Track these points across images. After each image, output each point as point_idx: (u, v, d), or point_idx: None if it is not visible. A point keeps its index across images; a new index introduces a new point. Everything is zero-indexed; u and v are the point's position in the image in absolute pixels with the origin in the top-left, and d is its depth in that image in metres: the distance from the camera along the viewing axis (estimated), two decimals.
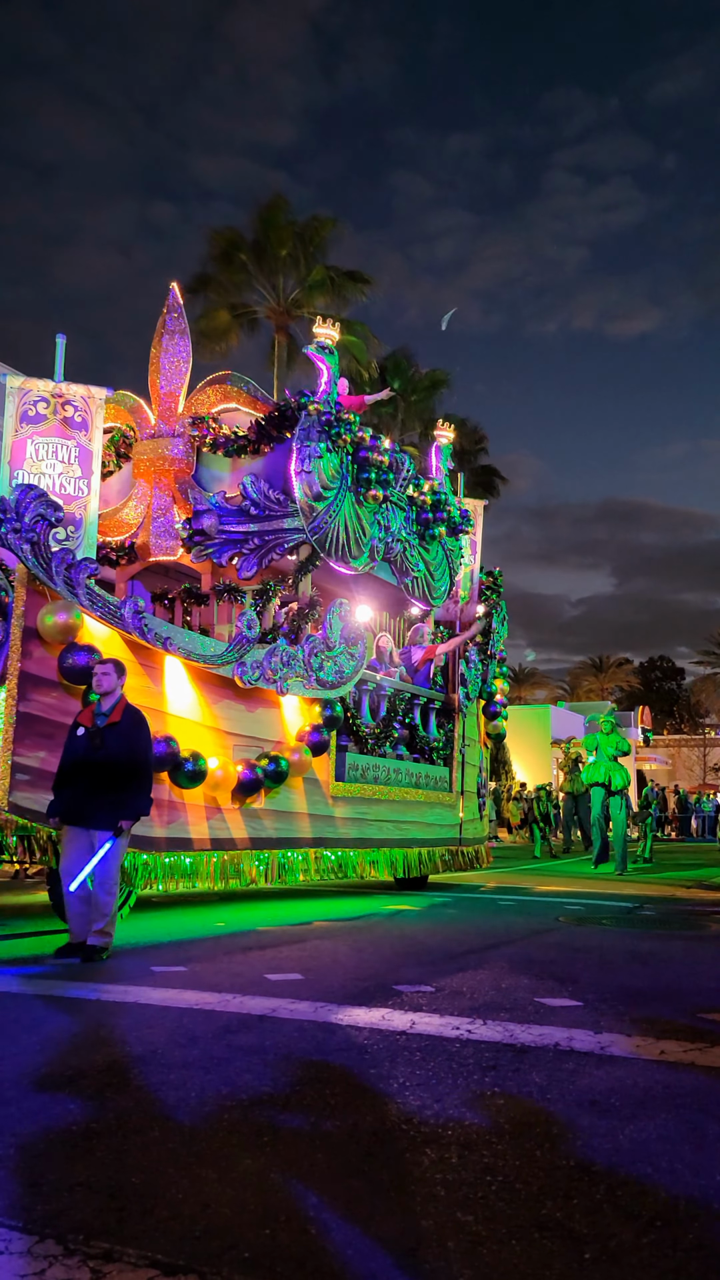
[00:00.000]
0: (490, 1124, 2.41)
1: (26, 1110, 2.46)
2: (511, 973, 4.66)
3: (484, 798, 11.39)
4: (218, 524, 7.56)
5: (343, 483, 8.03)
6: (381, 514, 8.66)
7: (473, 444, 29.95)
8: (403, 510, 9.15)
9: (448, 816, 10.09)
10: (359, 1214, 1.87)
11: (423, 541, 9.57)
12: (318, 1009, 3.72)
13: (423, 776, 9.56)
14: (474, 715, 10.94)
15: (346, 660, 7.89)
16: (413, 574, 9.46)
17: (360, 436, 8.13)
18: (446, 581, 10.09)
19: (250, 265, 22.48)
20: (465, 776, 10.56)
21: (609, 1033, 3.40)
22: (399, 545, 9.07)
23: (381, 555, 8.76)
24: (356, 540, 8.26)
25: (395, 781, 9.00)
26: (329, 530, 7.91)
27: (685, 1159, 2.19)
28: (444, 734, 10.11)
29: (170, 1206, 1.90)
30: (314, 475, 7.68)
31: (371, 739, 8.64)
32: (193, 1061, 2.94)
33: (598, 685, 65.49)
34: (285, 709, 7.52)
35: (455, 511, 10.03)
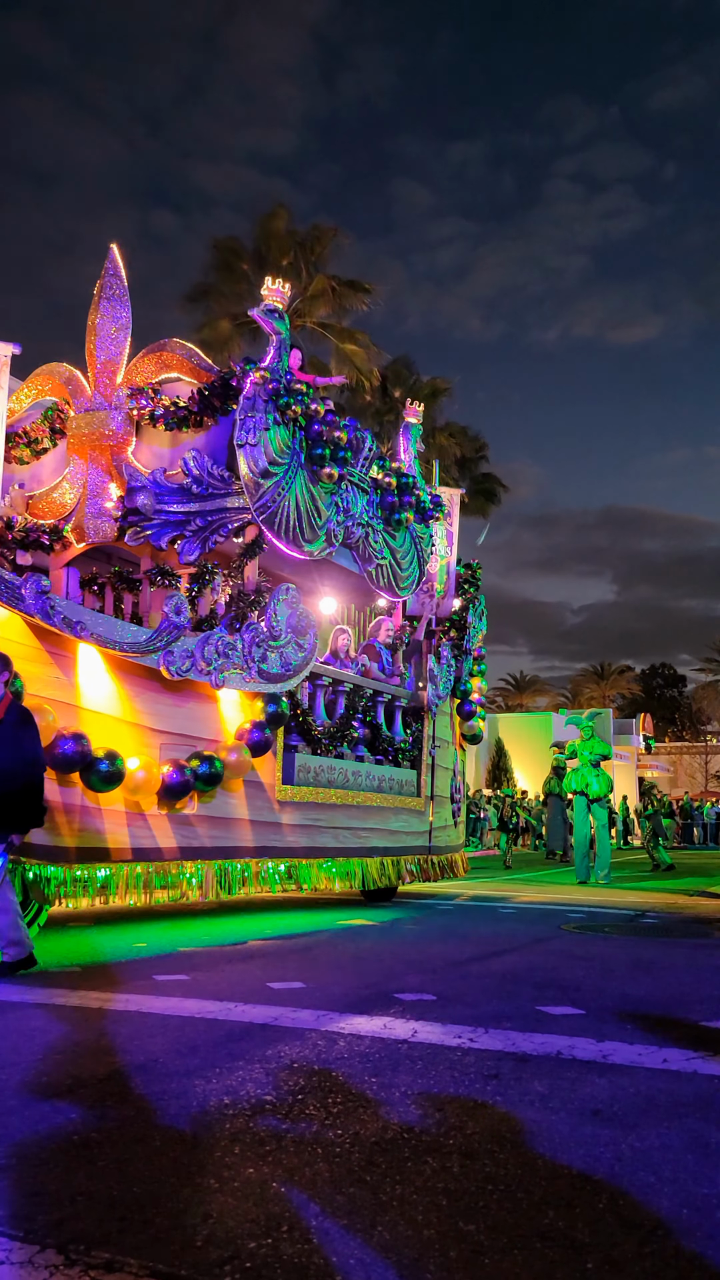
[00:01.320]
0: (492, 1133, 2.41)
1: (28, 1119, 2.45)
2: (513, 981, 4.65)
3: (458, 803, 10.70)
4: (154, 503, 6.93)
5: (293, 459, 7.34)
6: (340, 495, 7.97)
7: (474, 452, 29.97)
8: (365, 493, 8.41)
9: (415, 823, 9.39)
10: (361, 1223, 1.87)
11: (388, 527, 8.84)
12: (319, 1017, 3.72)
13: (386, 780, 8.85)
14: (446, 715, 10.27)
15: (294, 651, 7.22)
16: (377, 561, 8.71)
17: (313, 409, 7.40)
18: (415, 570, 9.33)
19: (251, 274, 22.55)
20: (436, 780, 9.87)
21: (611, 1041, 3.39)
22: (360, 530, 8.34)
23: (341, 540, 8.04)
24: (310, 522, 7.53)
25: (354, 785, 8.30)
26: (278, 510, 7.20)
27: (688, 1168, 2.18)
28: (411, 734, 9.39)
29: (172, 1216, 1.89)
30: (260, 449, 7.00)
31: (326, 739, 7.96)
32: (194, 1070, 2.93)
33: (599, 693, 65.45)
34: (223, 704, 6.82)
35: (424, 496, 9.36)
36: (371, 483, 8.52)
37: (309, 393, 7.38)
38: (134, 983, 4.51)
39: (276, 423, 7.10)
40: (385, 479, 8.68)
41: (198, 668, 6.39)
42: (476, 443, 29.97)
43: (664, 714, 68.54)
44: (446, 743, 10.26)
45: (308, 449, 7.47)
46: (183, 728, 6.49)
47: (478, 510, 30.66)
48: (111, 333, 7.50)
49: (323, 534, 7.73)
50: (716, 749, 54.09)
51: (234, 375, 7.02)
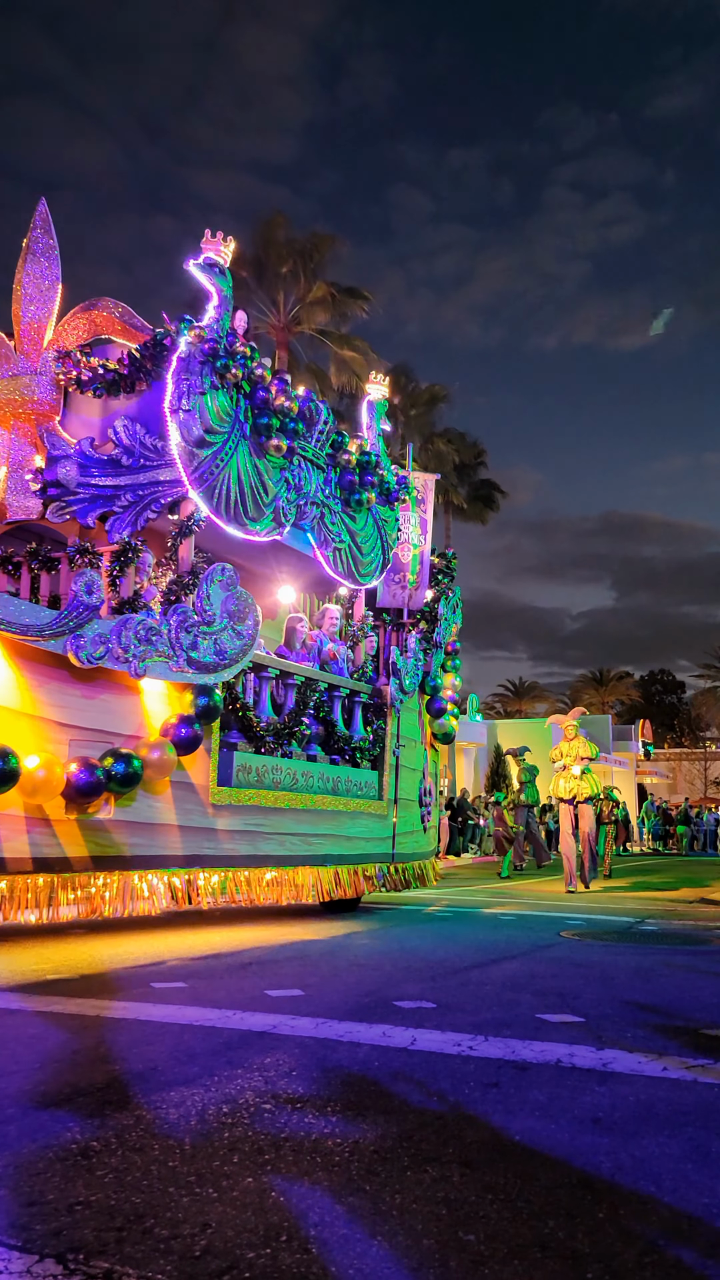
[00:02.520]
0: (492, 1142, 2.40)
1: (25, 1128, 2.45)
2: (513, 988, 4.64)
3: (429, 806, 10.00)
4: (79, 475, 6.40)
5: (235, 428, 6.70)
6: (291, 471, 7.34)
7: (472, 458, 30.06)
8: (320, 469, 7.76)
9: (376, 828, 8.64)
10: (361, 1233, 1.86)
11: (347, 508, 8.21)
12: (318, 1025, 3.71)
13: (342, 781, 8.14)
14: (414, 712, 9.56)
15: (230, 639, 6.46)
16: (334, 544, 8.08)
17: (258, 374, 6.76)
18: (378, 556, 8.72)
19: (251, 281, 22.61)
20: (401, 782, 9.10)
21: (611, 1049, 3.38)
22: (315, 510, 7.72)
23: (292, 520, 7.43)
24: (255, 499, 6.91)
25: (304, 787, 7.59)
26: (217, 484, 6.57)
27: (688, 1177, 2.17)
28: (373, 733, 8.68)
29: (170, 1226, 1.88)
30: (194, 415, 6.37)
31: (272, 736, 7.26)
32: (193, 1078, 2.93)
33: (598, 699, 65.45)
34: (146, 696, 6.15)
35: (389, 476, 8.70)
36: (328, 459, 7.91)
37: (253, 356, 6.76)
38: (132, 990, 4.50)
39: (214, 387, 6.47)
40: (344, 456, 8.05)
41: (113, 654, 5.74)
42: (475, 449, 30.06)
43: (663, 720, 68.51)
44: (414, 742, 9.57)
45: (252, 418, 6.81)
46: (96, 722, 5.86)
47: (476, 516, 30.74)
48: (39, 291, 6.97)
49: (270, 512, 7.10)
50: (716, 755, 54.08)
51: (168, 334, 6.47)
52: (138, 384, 6.66)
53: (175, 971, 5.09)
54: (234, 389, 6.64)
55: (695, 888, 12.93)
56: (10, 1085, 2.83)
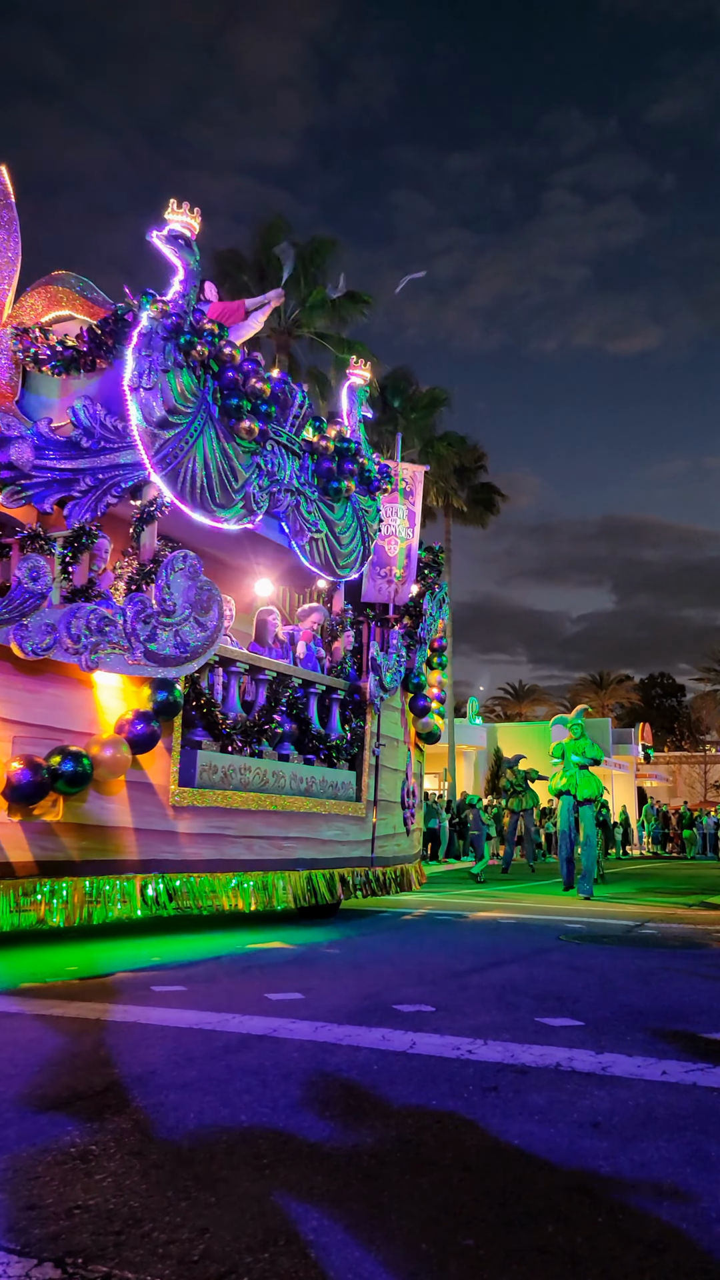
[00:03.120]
0: (491, 1146, 2.40)
1: (24, 1131, 2.44)
2: (512, 992, 4.64)
3: (412, 808, 9.62)
4: (34, 458, 6.02)
5: (202, 409, 6.38)
6: (264, 456, 7.00)
7: (472, 462, 30.08)
8: (296, 456, 7.44)
9: (354, 831, 8.26)
10: (360, 1238, 1.86)
11: (325, 496, 7.85)
12: (317, 1029, 3.70)
13: (317, 782, 7.77)
14: (395, 711, 9.17)
15: (193, 631, 6.13)
16: (310, 534, 7.73)
17: (227, 352, 6.44)
18: (358, 547, 8.36)
19: (251, 286, 22.63)
20: (381, 783, 8.74)
21: (610, 1053, 3.38)
22: (290, 498, 7.38)
23: (265, 508, 7.08)
24: (224, 484, 6.57)
25: (275, 788, 7.22)
26: (181, 468, 6.25)
27: (688, 1182, 2.17)
28: (351, 731, 8.30)
29: (169, 1230, 1.88)
30: (156, 393, 6.06)
31: (240, 734, 6.89)
32: (191, 1082, 2.92)
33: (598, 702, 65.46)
34: (100, 691, 5.81)
35: (370, 464, 8.35)
36: (305, 445, 7.59)
37: (221, 334, 6.44)
38: (131, 994, 4.49)
39: (178, 365, 6.17)
40: (321, 442, 7.71)
41: (62, 645, 5.43)
42: (475, 453, 30.08)
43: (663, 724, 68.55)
44: (396, 741, 9.21)
45: (220, 399, 6.49)
46: (43, 718, 5.54)
47: (476, 520, 30.77)
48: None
49: (240, 499, 6.75)
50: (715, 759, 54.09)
51: (129, 309, 6.17)
52: (98, 362, 6.33)
53: (174, 975, 5.08)
54: (200, 368, 6.33)
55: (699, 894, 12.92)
56: (9, 1089, 2.83)
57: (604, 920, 8.57)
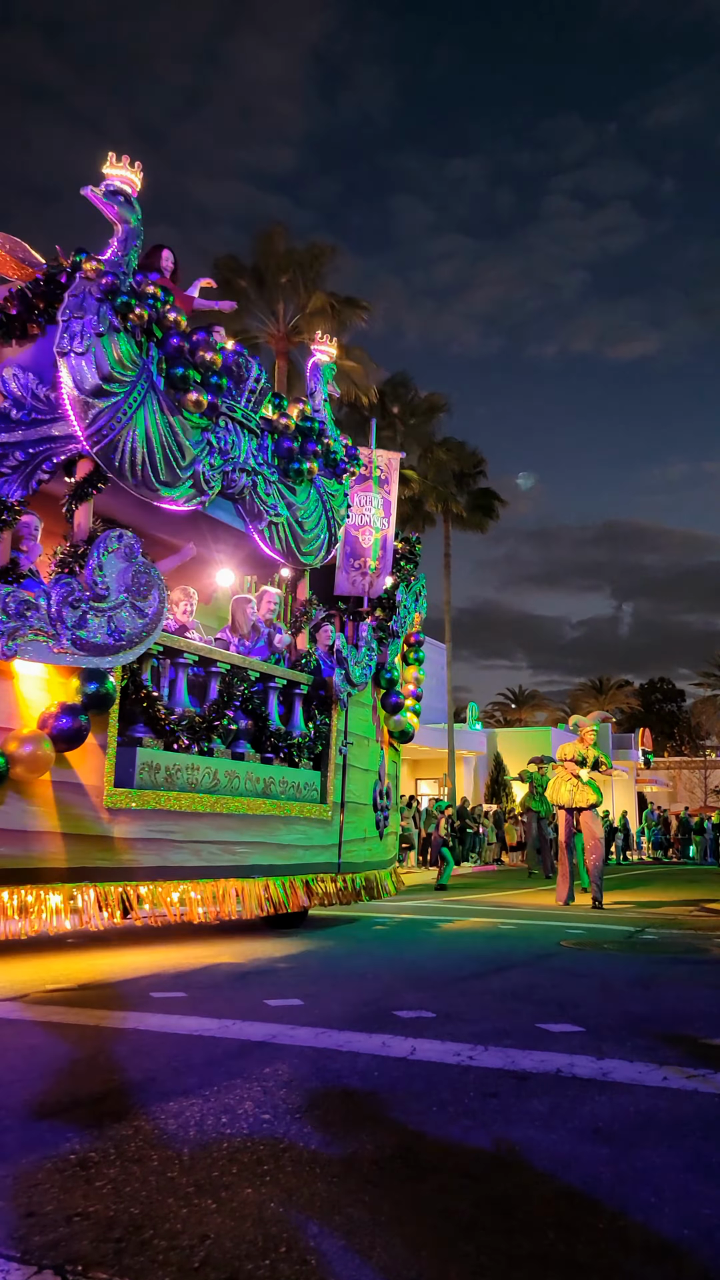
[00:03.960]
0: (492, 1152, 2.39)
1: (24, 1138, 2.44)
2: (513, 998, 4.63)
3: (386, 810, 9.09)
4: None
5: (143, 378, 5.93)
6: (215, 433, 6.52)
7: (471, 467, 30.08)
8: (254, 434, 6.96)
9: (318, 835, 7.70)
10: (360, 1244, 1.86)
11: (285, 478, 7.36)
12: (317, 1035, 3.70)
13: (276, 783, 7.26)
14: (366, 707, 8.71)
15: (130, 617, 5.68)
16: (269, 518, 7.20)
17: (172, 318, 6.00)
18: (323, 533, 7.85)
19: (250, 292, 22.68)
20: (350, 784, 8.23)
21: (611, 1059, 3.38)
22: (246, 478, 6.88)
23: (218, 489, 6.59)
24: (169, 461, 6.09)
25: (228, 789, 6.70)
26: (119, 442, 5.80)
27: (689, 1188, 2.17)
28: (315, 728, 7.80)
29: (169, 1237, 1.88)
30: (89, 359, 5.62)
31: (187, 731, 6.39)
32: (192, 1089, 2.92)
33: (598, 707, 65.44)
34: (20, 682, 5.34)
35: (336, 445, 7.88)
36: (263, 423, 7.13)
37: (166, 299, 6.02)
38: (131, 1000, 4.49)
39: (115, 329, 5.75)
40: (281, 420, 7.26)
41: None
42: (474, 458, 30.08)
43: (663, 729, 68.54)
44: (367, 740, 8.70)
45: (164, 368, 6.06)
46: None
47: (475, 525, 30.77)
48: None
49: (188, 478, 6.28)
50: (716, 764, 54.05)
51: (62, 270, 5.81)
52: (29, 327, 5.92)
53: (174, 981, 5.08)
54: (141, 333, 5.93)
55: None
56: (9, 1095, 2.83)
57: (604, 926, 8.55)
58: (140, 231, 6.05)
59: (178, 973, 5.43)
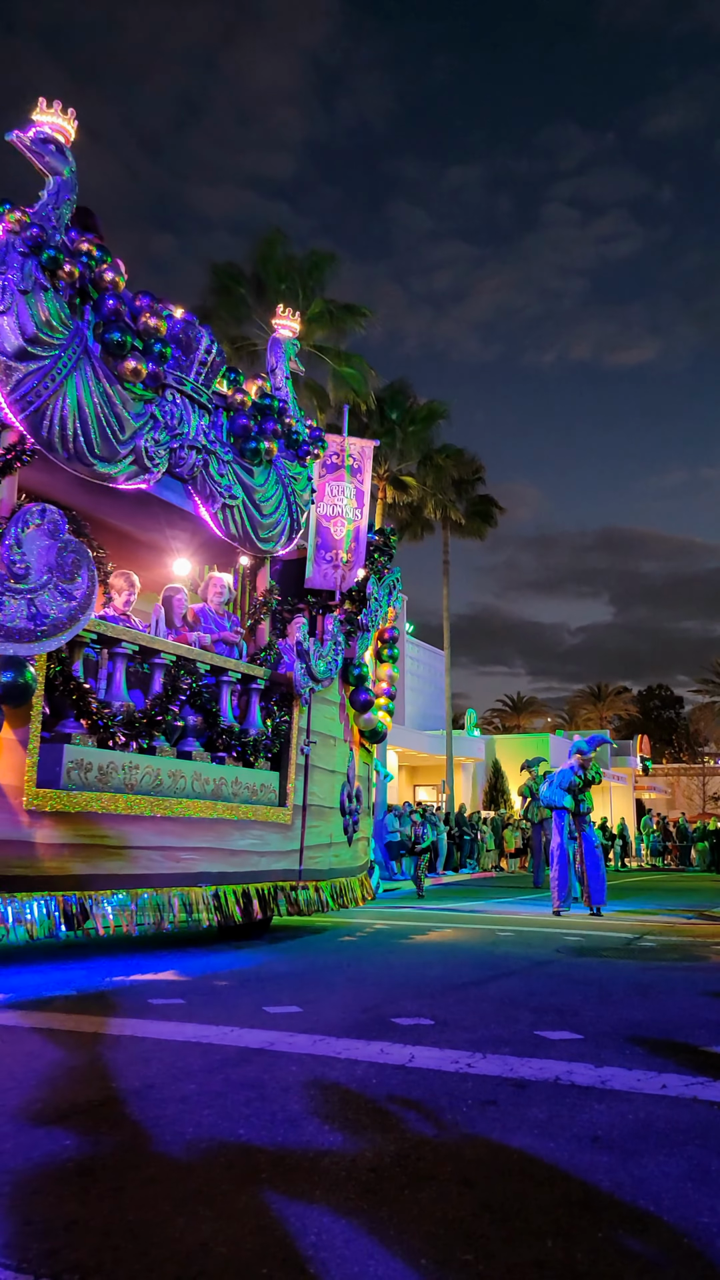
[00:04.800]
0: (490, 1160, 2.39)
1: (20, 1145, 2.43)
2: (511, 1005, 4.62)
3: (355, 814, 8.63)
4: None
5: (75, 342, 5.52)
6: (160, 405, 6.11)
7: (470, 474, 30.12)
8: (206, 410, 6.56)
9: (276, 841, 7.19)
10: (358, 1252, 1.85)
11: (242, 459, 6.97)
12: (315, 1042, 3.69)
13: (228, 784, 6.75)
14: (333, 705, 8.23)
15: (54, 600, 5.24)
16: (223, 500, 6.77)
17: (109, 278, 5.63)
18: (284, 518, 7.43)
19: (249, 299, 22.72)
20: (313, 786, 7.73)
21: (610, 1066, 3.37)
22: (197, 456, 6.46)
23: (164, 467, 6.18)
24: (106, 434, 5.68)
25: (172, 790, 6.22)
26: (48, 409, 5.38)
27: (688, 1197, 2.16)
28: (273, 726, 7.29)
29: (166, 1245, 1.87)
30: (12, 318, 5.22)
31: (125, 727, 5.93)
32: (190, 1096, 2.91)
33: (596, 714, 65.49)
34: None
35: (299, 426, 7.53)
36: (217, 398, 6.76)
37: (104, 257, 5.65)
38: (129, 1007, 4.48)
39: (41, 286, 5.36)
40: (236, 396, 6.86)
41: None
42: (473, 465, 30.13)
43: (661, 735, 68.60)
44: (334, 739, 8.23)
45: (100, 333, 5.66)
46: None
47: (474, 532, 30.80)
48: None
49: (128, 453, 5.87)
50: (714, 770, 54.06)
51: None
52: None
53: (173, 988, 5.07)
54: (72, 293, 5.55)
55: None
56: (6, 1102, 2.82)
57: (602, 933, 8.54)
58: (74, 185, 5.63)
59: (176, 978, 5.41)
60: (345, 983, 5.37)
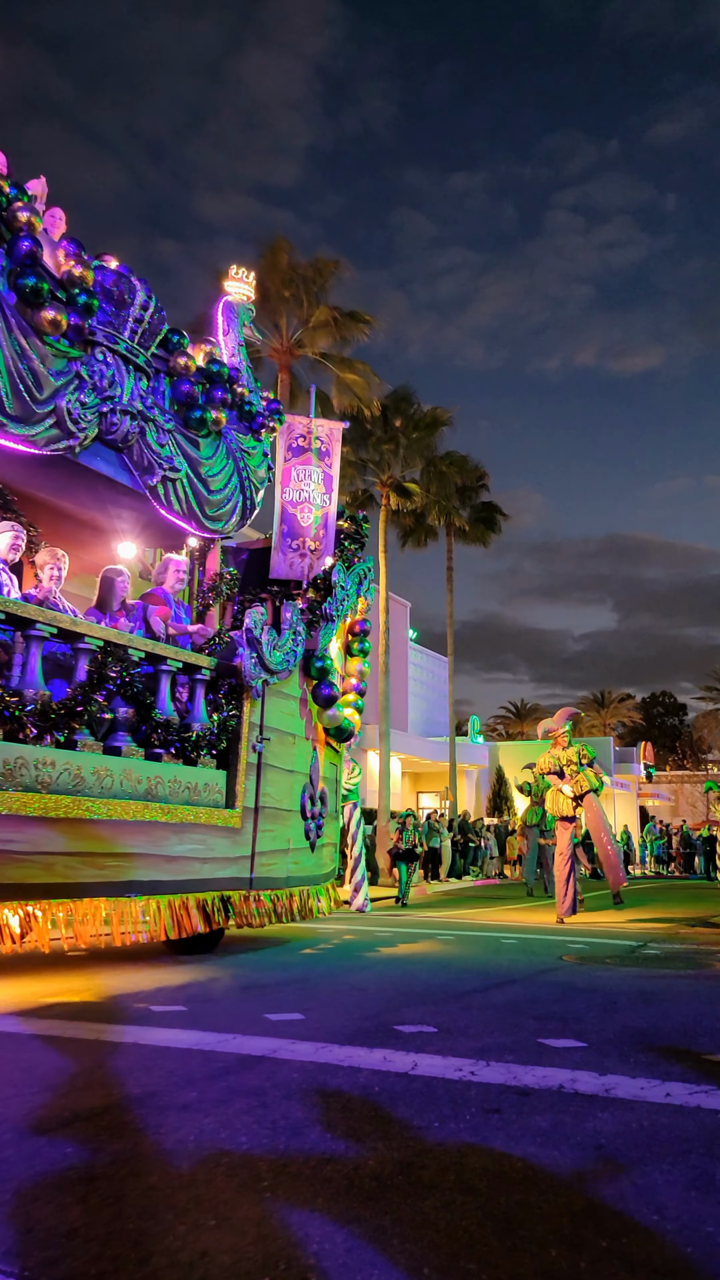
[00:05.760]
0: (493, 1169, 2.37)
1: (22, 1153, 2.42)
2: (514, 1013, 4.60)
3: (320, 818, 8.02)
4: None
5: None
6: (88, 364, 5.65)
7: (474, 481, 30.13)
8: (142, 373, 6.05)
9: (222, 846, 6.48)
10: (360, 1261, 1.84)
11: (186, 428, 6.48)
12: (318, 1050, 3.68)
13: (165, 783, 6.04)
14: (291, 699, 7.55)
15: None
16: (162, 472, 6.23)
17: (23, 218, 5.14)
18: (235, 496, 6.93)
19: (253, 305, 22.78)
20: (267, 786, 7.06)
21: (613, 1074, 3.35)
22: (131, 422, 5.94)
23: (93, 433, 5.72)
24: (19, 391, 5.18)
25: (97, 790, 5.56)
26: None
27: (692, 1206, 2.15)
28: (221, 721, 6.60)
29: (167, 1254, 1.86)
30: None
31: (37, 718, 5.25)
32: (191, 1104, 2.90)
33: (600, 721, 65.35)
34: None
35: (253, 397, 7.02)
36: (156, 361, 6.27)
37: (18, 195, 5.21)
38: (131, 1014, 4.46)
39: None
40: (179, 360, 6.33)
41: None
42: (477, 472, 30.14)
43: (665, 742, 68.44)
44: (293, 737, 7.58)
45: (12, 279, 5.20)
46: None
47: (478, 539, 30.81)
48: None
49: (47, 414, 5.37)
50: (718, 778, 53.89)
51: None
52: None
53: (175, 995, 5.05)
54: None
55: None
56: (8, 1110, 2.81)
57: (606, 940, 8.51)
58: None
59: (178, 986, 5.40)
60: (347, 990, 5.35)
